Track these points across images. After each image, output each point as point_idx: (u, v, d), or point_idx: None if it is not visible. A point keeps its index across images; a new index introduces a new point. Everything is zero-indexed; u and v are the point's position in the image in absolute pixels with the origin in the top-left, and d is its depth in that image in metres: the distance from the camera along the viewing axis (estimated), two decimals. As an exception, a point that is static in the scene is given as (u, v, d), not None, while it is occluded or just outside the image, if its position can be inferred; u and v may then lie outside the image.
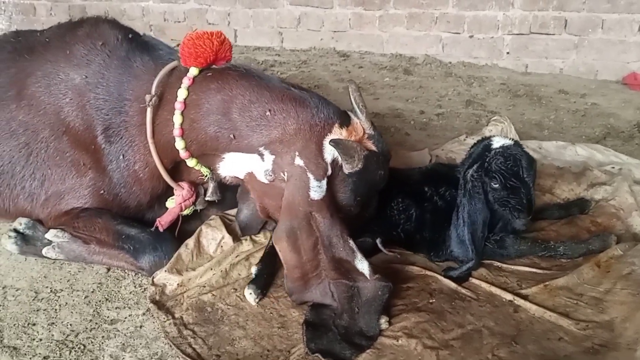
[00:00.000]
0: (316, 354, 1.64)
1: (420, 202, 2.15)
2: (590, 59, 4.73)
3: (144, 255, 2.04)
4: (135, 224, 2.11)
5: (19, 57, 2.23)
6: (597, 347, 1.66)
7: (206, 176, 2.08)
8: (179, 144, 1.96)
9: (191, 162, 2.02)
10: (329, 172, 1.81)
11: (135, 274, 2.09)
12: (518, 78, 4.69)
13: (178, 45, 2.04)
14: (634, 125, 3.54)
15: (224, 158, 2.02)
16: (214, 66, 2.00)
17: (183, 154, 1.98)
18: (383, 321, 1.76)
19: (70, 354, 1.72)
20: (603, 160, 2.82)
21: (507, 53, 4.98)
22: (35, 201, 2.18)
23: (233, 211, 2.32)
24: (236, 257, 2.10)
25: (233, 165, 2.01)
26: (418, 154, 2.95)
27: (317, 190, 1.79)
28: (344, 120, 1.88)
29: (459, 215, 2.04)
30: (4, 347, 1.75)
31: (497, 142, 2.01)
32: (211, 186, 2.12)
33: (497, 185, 1.99)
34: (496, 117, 3.18)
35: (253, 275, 1.96)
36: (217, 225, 2.20)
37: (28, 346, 1.76)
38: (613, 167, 2.65)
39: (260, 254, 2.11)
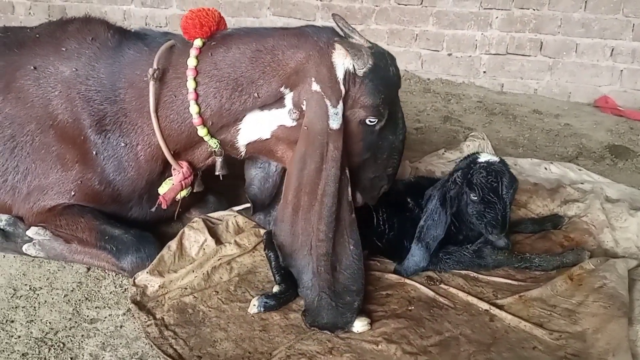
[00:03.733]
0: (325, 331, 1.79)
1: (402, 212, 2.20)
2: (564, 81, 4.88)
3: (126, 256, 2.04)
4: (119, 225, 2.11)
5: (8, 51, 2.22)
6: (569, 357, 1.71)
7: (215, 148, 2.10)
8: (193, 109, 1.98)
9: (202, 131, 2.04)
10: (343, 91, 1.85)
11: (116, 274, 2.09)
12: (494, 97, 4.80)
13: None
14: (605, 147, 3.66)
15: (243, 122, 2.05)
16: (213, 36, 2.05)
17: (196, 120, 2.00)
18: (365, 323, 1.80)
19: (49, 351, 1.71)
20: (575, 178, 2.91)
21: (484, 72, 5.10)
22: (17, 195, 2.16)
23: (216, 214, 2.34)
24: (218, 260, 2.12)
25: (256, 127, 2.04)
26: (398, 166, 3.00)
27: (334, 118, 1.83)
28: (342, 38, 1.94)
29: (426, 207, 2.13)
30: (-18, 343, 1.73)
31: (484, 157, 2.08)
32: (219, 161, 2.14)
33: (475, 198, 2.04)
34: (474, 133, 3.26)
35: (273, 291, 1.96)
36: (200, 228, 2.21)
37: (6, 343, 1.74)
38: (583, 184, 2.74)
39: (243, 259, 2.14)
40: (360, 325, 1.81)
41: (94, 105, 2.06)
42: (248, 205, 2.36)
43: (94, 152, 2.09)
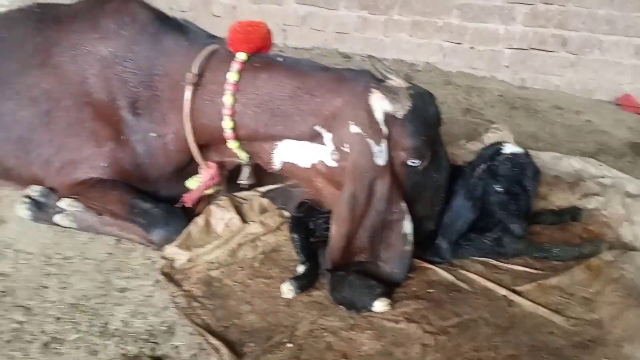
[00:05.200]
0: (340, 305, 1.85)
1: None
2: (587, 77, 4.86)
3: (155, 229, 2.10)
4: (148, 199, 2.17)
5: (45, 27, 2.27)
6: (586, 342, 1.76)
7: (243, 160, 2.16)
8: (227, 124, 2.02)
9: (232, 144, 2.09)
10: (385, 130, 1.90)
11: (145, 246, 2.15)
12: (515, 91, 4.81)
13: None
14: (625, 144, 3.67)
15: (278, 145, 2.08)
16: (257, 55, 2.08)
17: (229, 134, 2.05)
18: (385, 303, 1.85)
19: (81, 316, 1.78)
20: (596, 173, 2.91)
21: (506, 66, 5.10)
22: (50, 168, 2.22)
23: (242, 193, 2.39)
24: (243, 237, 2.17)
25: (294, 153, 2.07)
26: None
27: (379, 155, 1.88)
28: (379, 81, 1.98)
29: (450, 203, 2.14)
30: (17, 305, 1.81)
31: (508, 149, 2.11)
32: (247, 170, 2.20)
33: (500, 189, 2.08)
34: (495, 126, 3.28)
35: (298, 273, 1.99)
36: (226, 206, 2.27)
37: (40, 307, 1.81)
38: (603, 178, 2.76)
39: (267, 237, 2.19)
40: (380, 305, 1.85)
41: (129, 87, 2.11)
42: (272, 186, 2.41)
43: (127, 133, 2.14)
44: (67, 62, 2.17)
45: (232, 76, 2.01)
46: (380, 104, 1.90)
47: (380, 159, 1.89)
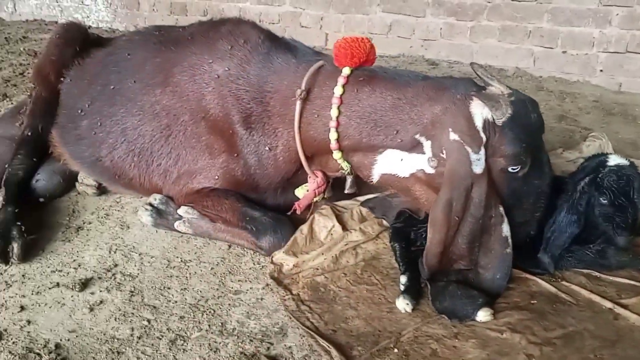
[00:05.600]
0: (442, 314, 1.89)
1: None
2: (689, 81, 4.64)
3: (264, 236, 2.24)
4: (258, 208, 2.32)
5: (165, 49, 2.49)
6: (699, 359, 1.72)
7: (345, 170, 2.27)
8: (333, 135, 2.15)
9: (337, 155, 2.20)
10: (484, 139, 1.93)
11: (254, 252, 2.30)
12: (611, 96, 4.65)
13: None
14: None
15: (380, 156, 2.17)
16: (361, 69, 2.18)
17: (334, 145, 2.16)
18: (488, 313, 1.88)
19: (202, 316, 1.94)
20: None
21: (601, 70, 4.94)
22: (168, 178, 2.43)
23: (342, 202, 2.50)
24: (345, 245, 2.27)
25: (393, 164, 2.15)
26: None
27: (477, 163, 1.92)
28: (480, 88, 2.02)
29: (554, 217, 2.13)
30: (145, 305, 1.99)
31: (613, 160, 2.09)
32: (349, 180, 2.32)
33: (605, 201, 2.07)
34: (593, 134, 3.22)
35: (403, 285, 2.03)
36: (329, 215, 2.38)
37: (165, 306, 1.99)
38: None
39: (367, 245, 2.28)
40: (483, 314, 1.88)
41: (242, 104, 2.27)
42: (371, 196, 2.50)
43: (239, 146, 2.30)
44: (187, 81, 2.36)
45: (338, 90, 2.12)
46: (480, 111, 1.93)
47: (478, 167, 1.93)
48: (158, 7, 6.77)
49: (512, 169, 1.95)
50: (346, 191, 2.36)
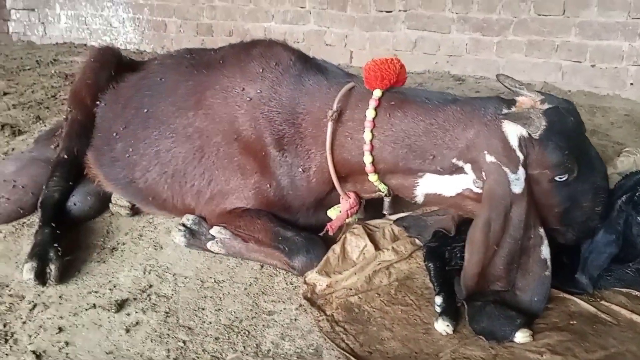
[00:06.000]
0: (480, 336, 1.87)
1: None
2: None
3: (297, 256, 2.24)
4: (290, 227, 2.33)
5: (197, 72, 2.53)
6: None
7: (383, 192, 2.27)
8: (367, 159, 2.15)
9: (372, 177, 2.21)
10: (521, 157, 1.91)
11: (286, 272, 2.30)
12: (642, 110, 4.58)
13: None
14: None
15: (419, 182, 2.17)
16: (392, 90, 2.19)
17: (369, 168, 2.17)
18: (527, 334, 1.85)
19: (237, 337, 1.94)
20: None
21: (631, 84, 4.88)
22: (201, 198, 2.45)
23: (374, 221, 2.49)
24: (378, 264, 2.26)
25: (437, 186, 2.14)
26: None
27: (516, 183, 1.91)
28: (509, 103, 2.00)
29: (593, 239, 2.09)
30: (180, 326, 2.00)
31: None
32: (387, 201, 2.32)
33: (643, 220, 2.03)
34: (628, 149, 3.17)
35: (439, 307, 2.01)
36: (361, 234, 2.37)
37: (200, 327, 1.99)
38: None
39: (400, 265, 2.27)
40: (521, 336, 1.85)
41: (274, 125, 2.29)
42: (402, 214, 2.49)
43: (272, 167, 2.32)
44: (219, 103, 2.40)
45: (370, 114, 2.13)
46: (513, 129, 1.92)
47: (517, 187, 1.91)
48: (184, 29, 6.90)
49: (560, 177, 1.93)
50: (384, 212, 2.35)
